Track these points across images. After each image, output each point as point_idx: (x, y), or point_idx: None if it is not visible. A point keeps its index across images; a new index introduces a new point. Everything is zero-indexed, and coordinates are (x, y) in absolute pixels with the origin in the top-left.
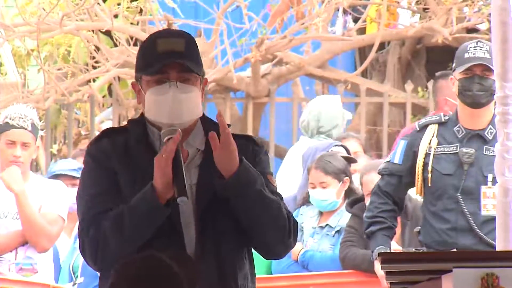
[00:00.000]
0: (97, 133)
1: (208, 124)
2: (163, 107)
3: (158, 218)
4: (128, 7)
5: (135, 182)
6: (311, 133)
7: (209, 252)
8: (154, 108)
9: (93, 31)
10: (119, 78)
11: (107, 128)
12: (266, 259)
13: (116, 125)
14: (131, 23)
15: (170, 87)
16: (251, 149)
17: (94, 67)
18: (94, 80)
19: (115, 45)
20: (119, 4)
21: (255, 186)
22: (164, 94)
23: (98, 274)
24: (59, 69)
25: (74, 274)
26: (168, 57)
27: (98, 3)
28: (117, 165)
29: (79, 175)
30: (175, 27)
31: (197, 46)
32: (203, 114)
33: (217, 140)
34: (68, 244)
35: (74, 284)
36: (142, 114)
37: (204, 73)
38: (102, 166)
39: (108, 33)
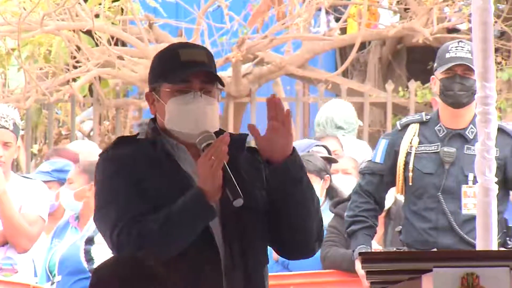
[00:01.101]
0: (77, 133)
1: (219, 132)
2: (188, 117)
3: (207, 220)
4: (109, 7)
5: (160, 187)
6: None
7: (239, 264)
8: (176, 118)
9: (74, 30)
10: (100, 78)
11: (121, 136)
12: (288, 259)
13: (97, 125)
14: (112, 23)
15: (194, 97)
16: (259, 159)
17: (75, 67)
18: (75, 80)
19: (96, 45)
20: (100, 4)
21: (305, 171)
22: (188, 104)
23: (76, 271)
24: (40, 69)
25: (51, 273)
26: (192, 66)
27: (79, 3)
28: (140, 171)
29: (52, 178)
30: (156, 27)
31: (214, 60)
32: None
33: (258, 130)
34: (45, 244)
35: (53, 283)
36: (153, 122)
37: (223, 86)
38: (125, 172)
39: (89, 33)
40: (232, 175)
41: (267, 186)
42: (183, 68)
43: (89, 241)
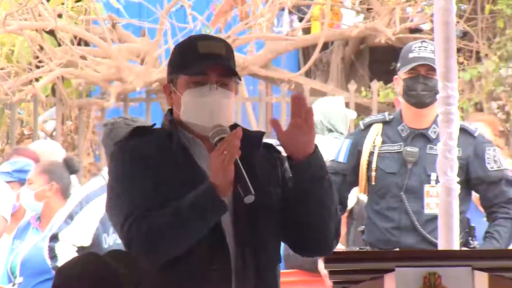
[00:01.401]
0: (40, 133)
1: (234, 127)
2: (203, 109)
3: (218, 215)
4: (72, 7)
5: (174, 180)
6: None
7: (250, 263)
8: (192, 110)
9: (36, 30)
10: (62, 77)
11: (138, 127)
12: (303, 256)
13: (59, 125)
14: (75, 23)
15: (210, 90)
16: (276, 156)
17: (38, 67)
18: (37, 80)
19: (59, 45)
20: (63, 4)
21: (326, 170)
22: (204, 96)
23: (37, 273)
24: (2, 69)
25: (12, 274)
26: (210, 58)
27: (42, 3)
28: (154, 164)
29: (13, 178)
30: (119, 26)
31: (234, 54)
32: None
33: (280, 125)
34: (7, 245)
35: (14, 284)
36: (170, 114)
37: (239, 80)
38: (139, 164)
39: (52, 32)
40: (244, 171)
41: (285, 183)
42: (200, 60)
43: (54, 238)
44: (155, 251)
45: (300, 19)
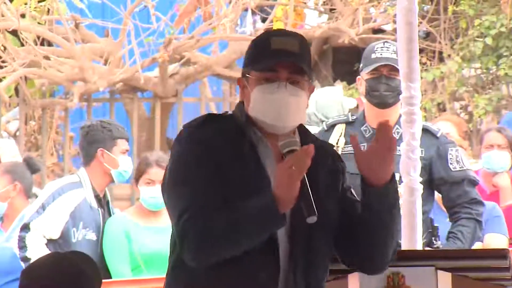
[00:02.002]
0: (4, 133)
1: (304, 133)
2: (270, 106)
3: (274, 229)
4: (36, 7)
5: (239, 179)
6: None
7: (300, 276)
8: (260, 106)
9: None
10: (26, 78)
11: (211, 114)
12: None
13: (23, 125)
14: (38, 23)
15: (278, 87)
16: (339, 166)
17: (1, 67)
18: (0, 80)
19: (22, 45)
20: (26, 4)
21: (398, 196)
22: (272, 93)
23: (3, 274)
24: None
25: None
26: (281, 55)
27: (5, 3)
28: (222, 157)
29: None
30: (82, 27)
31: (309, 50)
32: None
33: (359, 144)
34: None
35: None
36: (243, 107)
37: (313, 79)
38: (207, 156)
39: (14, 32)
40: (310, 190)
41: (344, 193)
42: (271, 57)
43: (25, 227)
44: (205, 252)
45: (263, 20)
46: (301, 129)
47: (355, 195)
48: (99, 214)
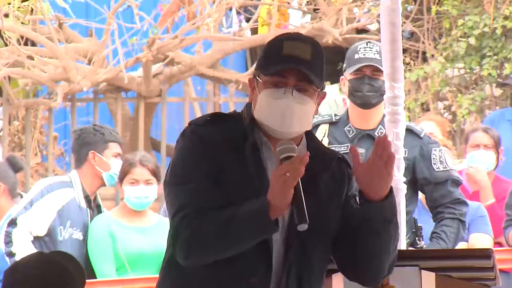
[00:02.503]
0: None
1: (311, 141)
2: (274, 111)
3: (265, 235)
4: (19, 7)
5: (239, 182)
6: None
7: (292, 283)
8: (265, 110)
9: None
10: (9, 77)
11: (216, 113)
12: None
13: (7, 126)
14: (22, 23)
15: (285, 93)
16: (346, 172)
17: None
18: None
19: (6, 45)
20: (9, 4)
21: (396, 211)
22: (278, 98)
23: None
24: None
25: None
26: (291, 61)
27: None
28: (224, 158)
29: None
30: (66, 26)
31: (323, 57)
32: (310, 130)
33: (359, 156)
34: None
35: None
36: (250, 108)
37: (324, 87)
38: (209, 156)
39: None
40: (303, 198)
41: (348, 200)
42: (281, 62)
43: (12, 223)
44: (195, 252)
45: (247, 20)
46: (308, 135)
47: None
48: (87, 215)
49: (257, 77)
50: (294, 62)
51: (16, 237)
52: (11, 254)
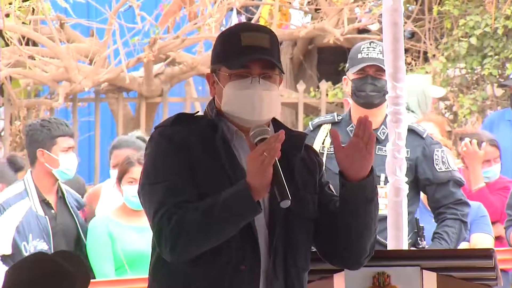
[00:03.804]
0: None
1: (277, 125)
2: (244, 102)
3: (250, 217)
4: (20, 7)
5: (211, 176)
6: None
7: (279, 265)
8: (234, 102)
9: None
10: (11, 77)
11: (181, 113)
12: (331, 264)
13: (8, 126)
14: (23, 23)
15: (251, 82)
16: (316, 160)
17: None
18: None
19: (7, 45)
20: (10, 4)
21: (377, 192)
22: (245, 89)
23: None
24: None
25: None
26: (253, 52)
27: None
28: (195, 154)
29: None
30: (67, 26)
31: (278, 43)
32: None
33: (339, 139)
34: None
35: None
36: (213, 103)
37: (283, 71)
38: (180, 153)
39: None
40: (283, 175)
41: (322, 189)
42: (243, 54)
43: None
44: (181, 246)
45: (249, 20)
46: (275, 121)
47: (333, 191)
48: (47, 222)
49: (218, 71)
50: (257, 52)
51: None
52: None
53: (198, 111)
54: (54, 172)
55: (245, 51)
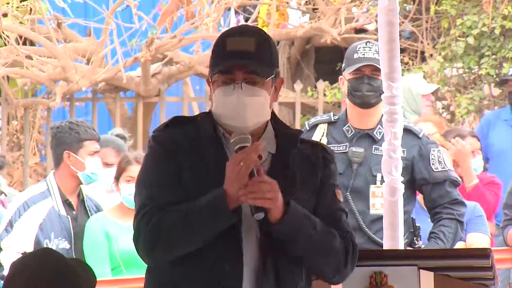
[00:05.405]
0: None
1: (280, 127)
2: (228, 108)
3: (223, 224)
4: (18, 7)
5: (201, 179)
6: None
7: (270, 269)
8: (220, 108)
9: None
10: (8, 77)
11: (176, 117)
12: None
13: (5, 125)
14: (21, 22)
15: (234, 89)
16: (321, 156)
17: None
18: None
19: (4, 44)
20: (8, 3)
21: (303, 231)
22: (229, 95)
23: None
24: None
25: None
26: (235, 57)
27: None
28: (185, 159)
29: None
30: (64, 26)
31: (270, 46)
32: (275, 115)
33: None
34: None
35: None
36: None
37: (278, 73)
38: (170, 157)
39: None
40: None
41: (323, 188)
42: (226, 59)
43: None
44: (157, 250)
45: (246, 19)
46: (274, 119)
47: (340, 200)
48: (69, 221)
49: (211, 75)
50: (237, 57)
51: (5, 260)
52: (4, 278)
53: (195, 114)
54: (79, 175)
55: (228, 56)
